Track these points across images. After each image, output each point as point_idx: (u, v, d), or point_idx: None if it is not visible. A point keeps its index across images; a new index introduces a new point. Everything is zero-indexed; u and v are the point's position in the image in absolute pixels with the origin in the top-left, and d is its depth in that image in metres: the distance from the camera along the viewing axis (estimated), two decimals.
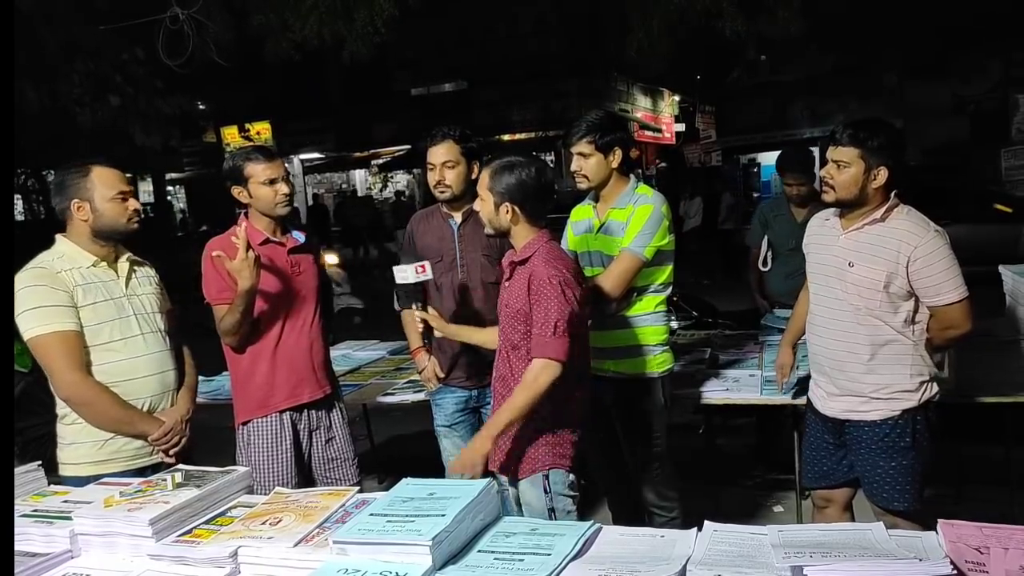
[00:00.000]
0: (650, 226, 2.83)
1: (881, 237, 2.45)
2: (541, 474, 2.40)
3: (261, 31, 8.29)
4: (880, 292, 2.44)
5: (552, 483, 2.40)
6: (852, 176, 2.46)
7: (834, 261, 2.56)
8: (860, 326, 2.50)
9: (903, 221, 2.45)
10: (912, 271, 2.40)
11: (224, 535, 1.68)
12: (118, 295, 2.51)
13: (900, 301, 2.46)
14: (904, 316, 2.48)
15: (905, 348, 2.49)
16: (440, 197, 3.02)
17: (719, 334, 4.48)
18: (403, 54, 17.91)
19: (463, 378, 3.07)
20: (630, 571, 1.47)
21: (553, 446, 2.41)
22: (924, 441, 2.52)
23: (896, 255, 2.41)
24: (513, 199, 2.37)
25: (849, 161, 2.46)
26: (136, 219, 2.53)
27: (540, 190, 2.38)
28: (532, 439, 2.42)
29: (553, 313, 2.28)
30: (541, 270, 2.32)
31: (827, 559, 1.41)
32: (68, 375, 2.38)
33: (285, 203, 2.75)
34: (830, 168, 2.51)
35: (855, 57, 18.77)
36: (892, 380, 2.50)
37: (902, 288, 2.43)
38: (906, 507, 2.52)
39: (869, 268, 2.46)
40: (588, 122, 2.90)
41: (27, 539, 1.77)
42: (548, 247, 2.39)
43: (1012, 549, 1.41)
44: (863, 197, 2.48)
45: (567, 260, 2.42)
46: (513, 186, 2.36)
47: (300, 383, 2.79)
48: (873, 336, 2.49)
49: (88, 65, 8.24)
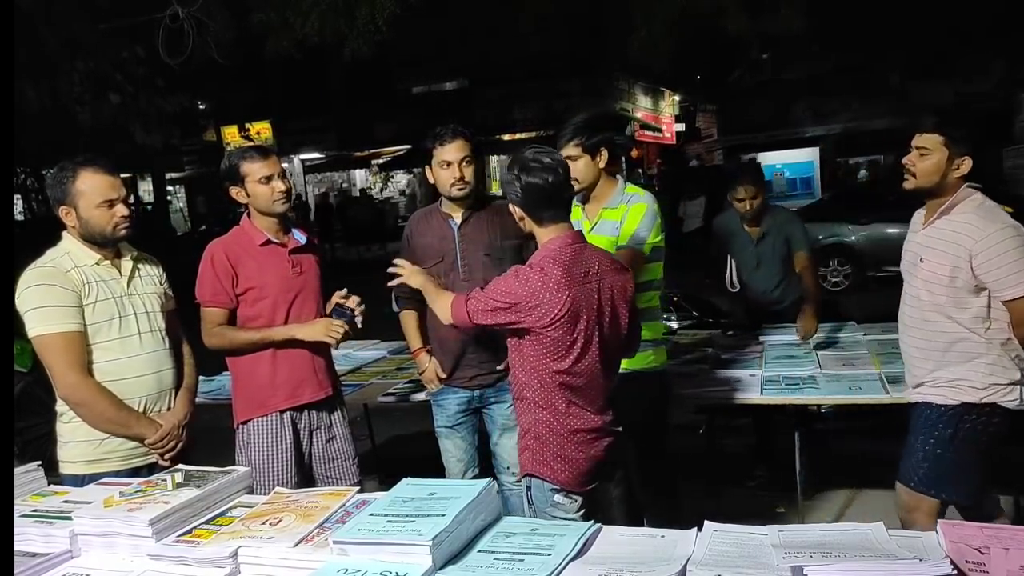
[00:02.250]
0: (646, 224, 2.85)
1: (946, 231, 2.40)
2: (524, 482, 2.35)
3: (262, 29, 8.30)
4: (946, 287, 2.37)
5: (534, 495, 2.31)
6: (934, 163, 2.40)
7: (910, 256, 2.53)
8: (928, 322, 2.45)
9: (969, 214, 2.38)
10: (976, 265, 2.33)
11: (224, 535, 1.68)
12: (119, 294, 2.51)
13: (968, 296, 2.38)
14: (974, 313, 2.39)
15: (976, 347, 2.41)
16: (457, 195, 2.96)
17: (720, 334, 4.48)
18: (404, 52, 17.90)
19: (466, 379, 3.06)
20: (630, 571, 1.47)
21: (535, 452, 2.30)
22: (975, 440, 2.43)
23: (959, 248, 2.35)
24: (518, 203, 2.30)
25: (932, 148, 2.40)
26: (124, 226, 2.49)
27: (543, 193, 2.25)
28: (521, 441, 2.35)
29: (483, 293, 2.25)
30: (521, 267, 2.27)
31: (827, 559, 1.41)
32: (68, 376, 2.39)
33: (283, 200, 2.75)
34: (912, 155, 2.45)
35: (858, 56, 18.74)
36: (963, 376, 2.43)
37: (968, 283, 2.36)
38: (923, 489, 2.45)
39: (935, 263, 2.40)
40: (573, 125, 2.89)
41: (27, 539, 1.77)
42: (552, 252, 2.24)
43: (1013, 549, 1.41)
44: (943, 187, 2.42)
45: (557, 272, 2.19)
46: (516, 191, 2.28)
47: (301, 383, 2.79)
48: (942, 333, 2.43)
49: (88, 63, 8.25)
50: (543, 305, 2.17)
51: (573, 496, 2.29)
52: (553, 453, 2.28)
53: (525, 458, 2.33)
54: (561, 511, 2.27)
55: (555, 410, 2.27)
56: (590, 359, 2.26)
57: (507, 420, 3.08)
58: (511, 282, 2.22)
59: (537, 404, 2.28)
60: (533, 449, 2.30)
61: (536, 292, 2.17)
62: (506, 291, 2.22)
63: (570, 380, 2.25)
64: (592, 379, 2.30)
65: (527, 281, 2.19)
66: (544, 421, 2.28)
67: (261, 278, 2.74)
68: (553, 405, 2.26)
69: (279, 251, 2.80)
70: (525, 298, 2.18)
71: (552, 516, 2.25)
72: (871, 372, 3.38)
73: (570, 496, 2.29)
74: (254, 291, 2.74)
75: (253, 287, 2.74)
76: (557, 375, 2.24)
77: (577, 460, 2.28)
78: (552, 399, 2.26)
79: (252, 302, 2.75)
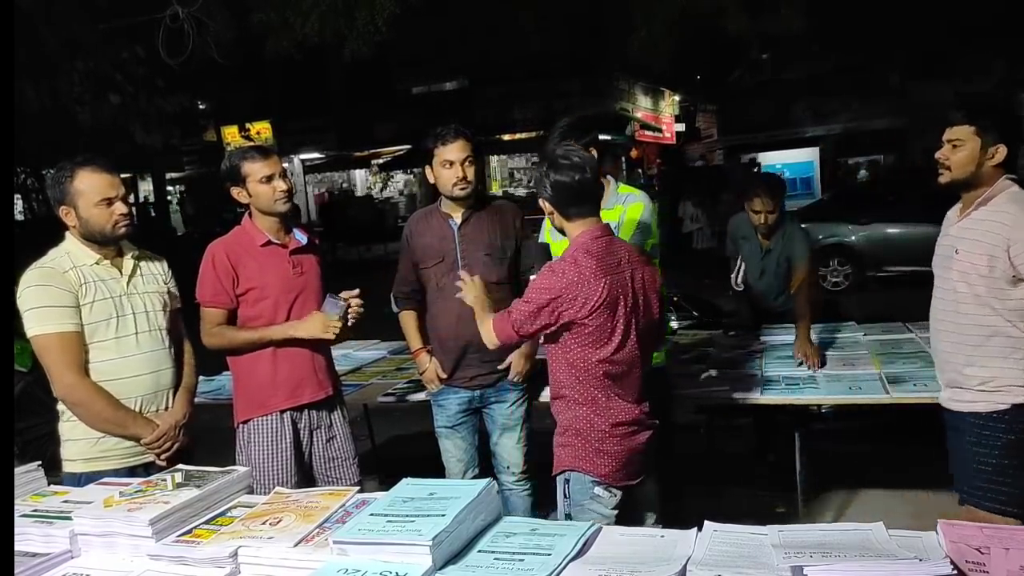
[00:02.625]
0: (643, 223, 2.86)
1: (983, 221, 2.37)
2: (563, 476, 2.36)
3: (262, 29, 8.29)
4: (985, 278, 2.34)
5: (572, 488, 2.34)
6: (968, 154, 2.38)
7: (944, 250, 2.49)
8: (962, 315, 2.41)
9: (1007, 203, 2.35)
10: (1013, 255, 2.30)
11: (224, 535, 1.68)
12: (118, 293, 2.51)
13: (1008, 287, 2.34)
14: (1014, 305, 2.35)
15: (1015, 341, 2.37)
16: (460, 195, 2.96)
17: (720, 334, 4.48)
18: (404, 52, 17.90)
19: (466, 379, 3.06)
20: (630, 571, 1.47)
21: (575, 448, 2.33)
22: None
23: (995, 237, 2.32)
24: (548, 199, 2.36)
25: (964, 139, 2.38)
26: (123, 224, 2.50)
27: (571, 189, 2.31)
28: (559, 437, 2.39)
29: (521, 301, 2.29)
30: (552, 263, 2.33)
31: (827, 559, 1.41)
32: (65, 376, 2.40)
33: (284, 199, 2.75)
34: (944, 149, 2.43)
35: (858, 56, 18.74)
36: (999, 374, 2.39)
37: (1006, 273, 2.32)
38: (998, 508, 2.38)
39: (971, 253, 2.37)
40: (561, 128, 2.88)
41: (27, 539, 1.77)
42: (583, 244, 2.29)
43: (1013, 549, 1.41)
44: (979, 177, 2.39)
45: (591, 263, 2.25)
46: (545, 187, 2.35)
47: (301, 383, 2.79)
48: (978, 327, 2.39)
49: (88, 64, 8.25)
50: (582, 295, 2.23)
51: (613, 490, 2.34)
52: (594, 448, 2.33)
53: (565, 454, 2.36)
54: (599, 504, 2.31)
55: (596, 404, 2.32)
56: (630, 347, 2.32)
57: (507, 420, 3.09)
58: (547, 279, 2.27)
59: (577, 400, 2.33)
60: (574, 445, 2.35)
61: (574, 283, 2.23)
62: (543, 288, 2.26)
63: (612, 369, 2.30)
64: (631, 367, 2.35)
65: (563, 274, 2.25)
66: (584, 416, 2.33)
67: (262, 278, 2.74)
68: (594, 399, 2.32)
69: (280, 251, 2.80)
70: (563, 290, 2.24)
71: (588, 510, 2.28)
72: (871, 372, 3.38)
73: (610, 490, 2.33)
74: (255, 291, 2.74)
75: (254, 287, 2.74)
76: (599, 365, 2.28)
77: (618, 453, 2.34)
78: (593, 393, 2.31)
79: (253, 302, 2.75)
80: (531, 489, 3.13)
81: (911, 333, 3.89)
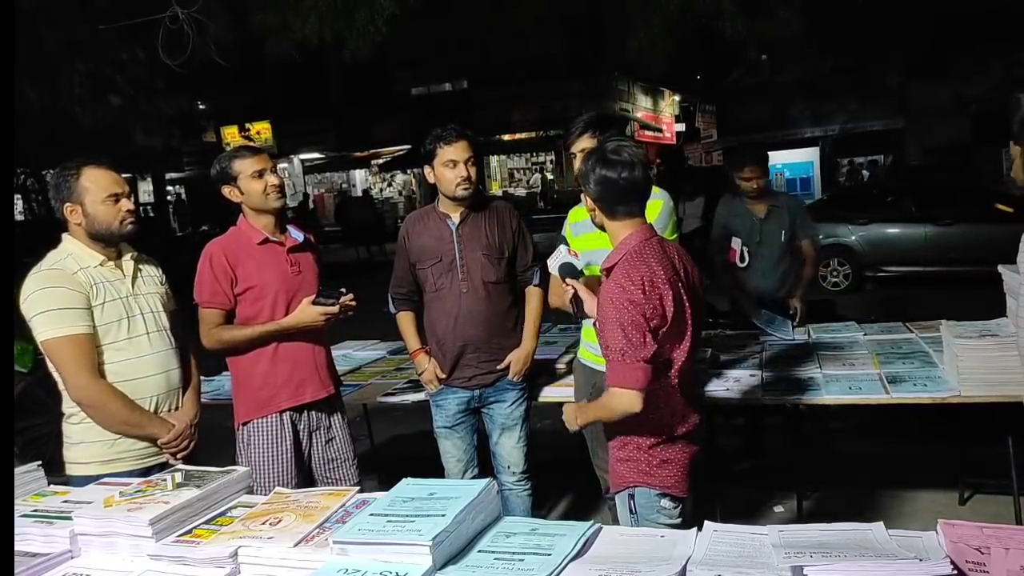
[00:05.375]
0: (662, 220, 2.83)
1: None
2: (627, 492, 2.29)
3: (261, 31, 8.29)
4: None
5: (639, 503, 2.27)
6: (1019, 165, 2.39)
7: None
8: None
9: None
10: None
11: (224, 535, 1.68)
12: (124, 294, 2.51)
13: None
14: None
15: None
16: (462, 195, 2.96)
17: (719, 334, 4.48)
18: (404, 54, 17.90)
19: (465, 379, 3.06)
20: (630, 571, 1.47)
21: (638, 463, 2.25)
22: None
23: None
24: (592, 195, 2.24)
25: (1015, 155, 2.39)
26: (130, 220, 2.50)
27: (616, 187, 2.18)
28: (619, 452, 2.30)
29: (618, 339, 2.06)
30: (608, 285, 2.15)
31: (827, 559, 1.40)
32: (79, 378, 2.38)
33: (277, 194, 2.76)
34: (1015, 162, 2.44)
35: (856, 57, 18.78)
36: None
37: None
38: None
39: None
40: (585, 120, 2.90)
41: (27, 539, 1.77)
42: (636, 249, 2.17)
43: (1013, 549, 1.41)
44: None
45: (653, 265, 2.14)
46: (589, 182, 2.22)
47: (303, 383, 2.80)
48: None
49: (88, 65, 8.25)
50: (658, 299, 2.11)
51: (677, 500, 2.28)
52: (659, 459, 2.25)
53: (626, 469, 2.28)
54: (665, 516, 2.26)
55: (673, 412, 2.24)
56: (695, 346, 2.25)
57: (507, 420, 3.09)
58: (622, 302, 2.09)
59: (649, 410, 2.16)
60: (636, 460, 2.26)
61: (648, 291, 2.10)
62: (623, 307, 2.08)
63: (685, 366, 2.22)
64: (693, 368, 2.31)
65: (631, 290, 2.09)
66: (650, 427, 2.22)
67: (260, 277, 2.75)
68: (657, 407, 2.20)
69: (277, 250, 2.80)
70: (643, 300, 2.09)
71: (656, 523, 2.22)
72: (871, 372, 3.37)
73: (675, 500, 2.28)
74: (254, 290, 2.74)
75: (253, 286, 2.74)
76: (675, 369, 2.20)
77: (682, 462, 2.27)
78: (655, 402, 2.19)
79: (252, 301, 2.75)
80: (531, 489, 3.14)
81: (911, 333, 3.89)
